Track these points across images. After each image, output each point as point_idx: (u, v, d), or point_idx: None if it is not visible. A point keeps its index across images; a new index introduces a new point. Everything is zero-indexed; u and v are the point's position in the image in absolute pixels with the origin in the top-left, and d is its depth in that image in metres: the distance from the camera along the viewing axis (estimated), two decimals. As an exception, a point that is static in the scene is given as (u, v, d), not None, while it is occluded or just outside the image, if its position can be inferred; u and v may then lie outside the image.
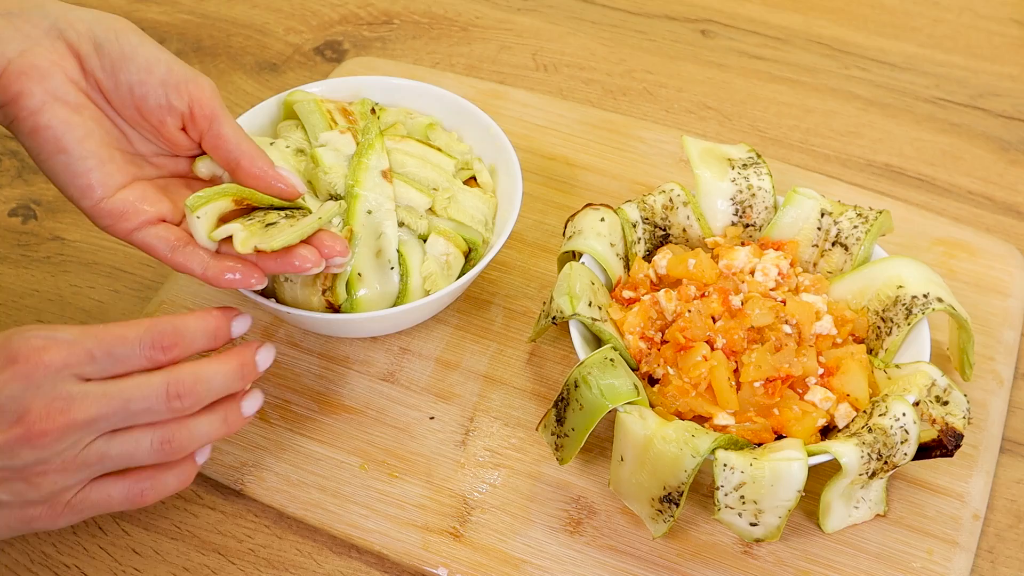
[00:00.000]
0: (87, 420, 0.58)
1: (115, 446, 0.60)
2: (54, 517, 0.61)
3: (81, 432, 0.58)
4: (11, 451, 0.57)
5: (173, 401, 0.60)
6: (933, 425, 0.68)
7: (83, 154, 0.65)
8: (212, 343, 0.63)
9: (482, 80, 1.01)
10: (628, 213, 0.78)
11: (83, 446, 0.59)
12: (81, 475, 0.60)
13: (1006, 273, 0.85)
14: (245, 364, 0.63)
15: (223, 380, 0.62)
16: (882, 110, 1.01)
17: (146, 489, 0.62)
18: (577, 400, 0.68)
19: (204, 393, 0.61)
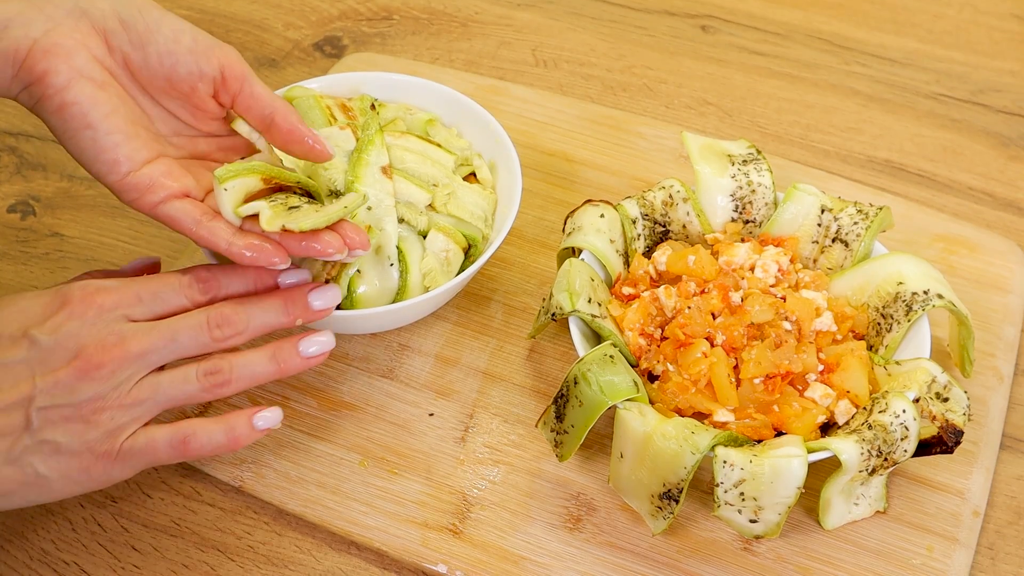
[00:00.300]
0: (139, 352, 0.62)
1: (165, 379, 0.63)
2: (109, 465, 0.63)
3: (134, 365, 0.62)
4: (71, 386, 0.61)
5: (214, 330, 0.64)
6: (933, 422, 0.68)
7: (109, 129, 0.65)
8: (251, 287, 0.67)
9: (481, 76, 1.01)
10: (628, 209, 0.78)
11: (135, 381, 0.62)
12: (135, 412, 0.63)
13: (1006, 269, 0.85)
14: (292, 299, 0.66)
15: (263, 311, 0.66)
16: (882, 106, 1.01)
17: (189, 435, 0.64)
18: (577, 397, 0.68)
19: (244, 323, 0.65)
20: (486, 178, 0.83)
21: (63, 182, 0.94)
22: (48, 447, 0.61)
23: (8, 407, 0.61)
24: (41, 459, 0.61)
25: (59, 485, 0.62)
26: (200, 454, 0.65)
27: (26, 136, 0.97)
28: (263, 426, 0.66)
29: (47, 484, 0.62)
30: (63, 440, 0.61)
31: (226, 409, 0.76)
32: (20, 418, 0.61)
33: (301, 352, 0.67)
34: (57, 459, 0.61)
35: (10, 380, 0.61)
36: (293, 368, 0.67)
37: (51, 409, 0.61)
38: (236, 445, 0.65)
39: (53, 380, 0.61)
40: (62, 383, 0.61)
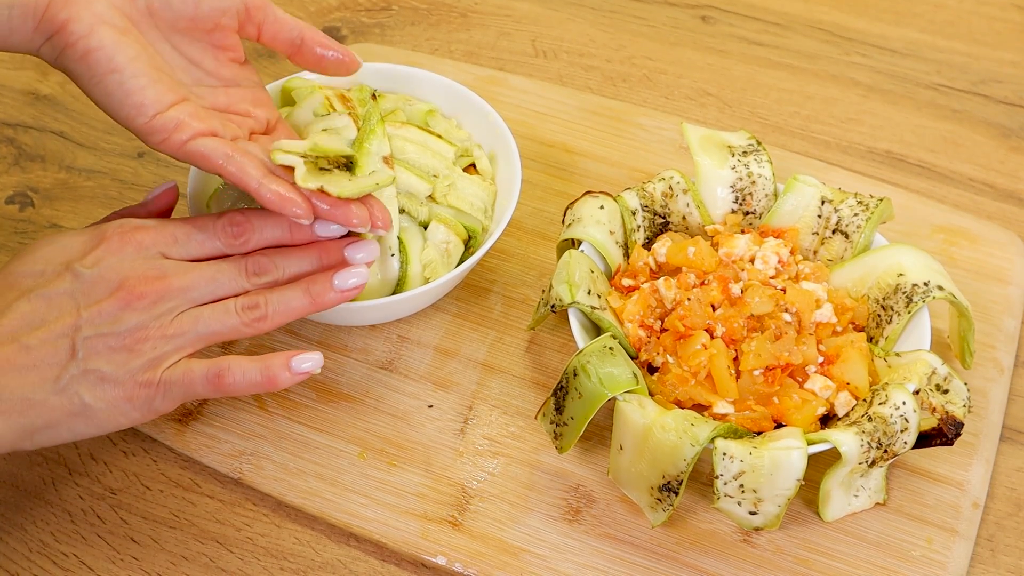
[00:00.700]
0: (181, 287, 0.64)
1: (206, 311, 0.65)
2: (150, 395, 0.64)
3: (175, 298, 0.64)
4: (114, 315, 0.63)
5: (252, 276, 0.67)
6: (933, 414, 0.68)
7: (135, 72, 0.66)
8: (286, 235, 0.68)
9: (481, 67, 1.00)
10: (627, 201, 0.78)
11: (177, 313, 0.64)
12: (177, 343, 0.64)
13: (1007, 261, 0.85)
14: (325, 252, 0.68)
15: (297, 260, 0.68)
16: (883, 96, 1.00)
17: (224, 369, 0.65)
18: (576, 389, 0.68)
19: (279, 271, 0.67)
20: (486, 169, 0.83)
21: (61, 173, 0.93)
22: (93, 376, 0.63)
23: (54, 336, 0.62)
24: (87, 388, 0.63)
25: (104, 415, 0.63)
26: (234, 390, 0.65)
27: (24, 127, 0.97)
28: (303, 369, 0.66)
29: (93, 414, 0.63)
30: (108, 369, 0.63)
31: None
32: (66, 347, 0.62)
33: (336, 286, 0.68)
34: (102, 388, 0.63)
35: (55, 311, 0.63)
36: (327, 302, 0.67)
37: (96, 338, 0.63)
38: (271, 385, 0.66)
39: (97, 310, 0.63)
40: (106, 312, 0.63)
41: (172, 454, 0.75)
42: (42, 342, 0.62)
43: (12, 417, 0.61)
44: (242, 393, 0.66)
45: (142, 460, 0.75)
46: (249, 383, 0.65)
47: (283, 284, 0.67)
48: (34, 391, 0.62)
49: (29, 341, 0.62)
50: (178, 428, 0.75)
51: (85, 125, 0.97)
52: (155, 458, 0.75)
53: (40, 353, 0.62)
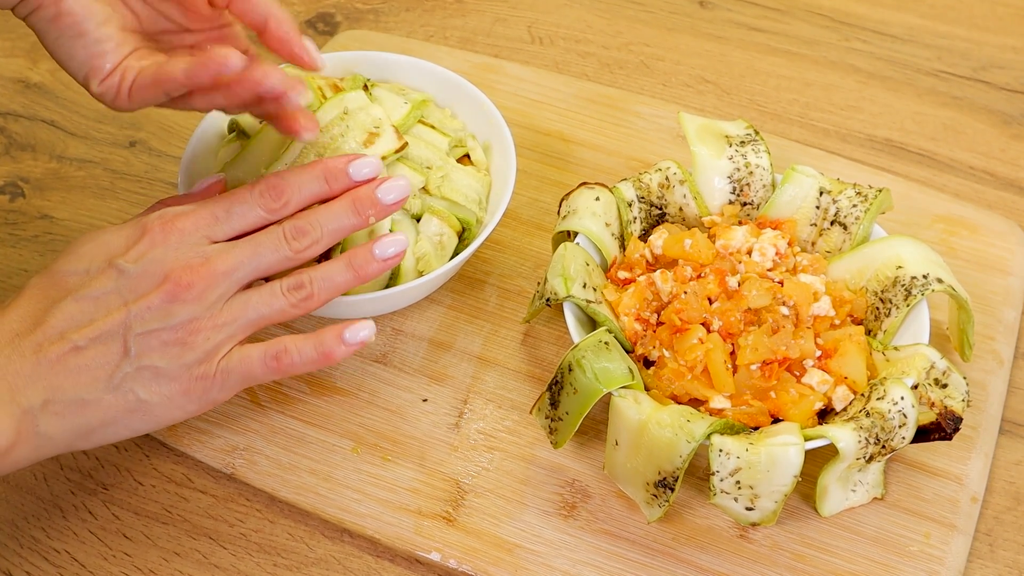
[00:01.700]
0: (226, 270, 0.64)
1: (254, 296, 0.65)
2: (207, 386, 0.64)
3: (223, 284, 0.64)
4: (164, 309, 0.62)
5: (292, 242, 0.65)
6: (932, 408, 0.67)
7: (100, 37, 0.66)
8: (325, 186, 0.67)
9: (476, 54, 0.99)
10: (624, 192, 0.77)
11: (225, 300, 0.64)
12: (229, 331, 0.64)
13: (1007, 251, 0.84)
14: (357, 199, 0.67)
15: (334, 217, 0.67)
16: (883, 83, 0.99)
17: (281, 352, 0.64)
18: (571, 384, 0.67)
19: (318, 231, 0.66)
20: (480, 160, 0.82)
21: (52, 163, 0.92)
22: (148, 372, 0.62)
23: (105, 336, 0.62)
24: (142, 385, 0.62)
25: (160, 410, 0.63)
26: (293, 369, 0.65)
27: (15, 116, 0.96)
28: (358, 339, 0.66)
29: (149, 410, 0.63)
30: (162, 364, 0.62)
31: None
32: (118, 346, 0.62)
33: (377, 255, 0.67)
34: (158, 383, 0.63)
35: (103, 310, 0.62)
36: (371, 271, 0.67)
37: (148, 335, 0.62)
38: (328, 360, 0.65)
39: (146, 305, 0.62)
40: (155, 307, 0.62)
41: (165, 449, 0.75)
42: (92, 341, 0.62)
43: (68, 418, 0.61)
44: (301, 371, 0.66)
45: (134, 455, 0.75)
46: (306, 360, 0.65)
47: (324, 244, 0.67)
48: (88, 391, 0.62)
49: (79, 341, 0.62)
50: (170, 423, 0.75)
51: (76, 114, 0.96)
52: (147, 453, 0.75)
53: (92, 353, 0.62)
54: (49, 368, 0.61)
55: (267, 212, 0.67)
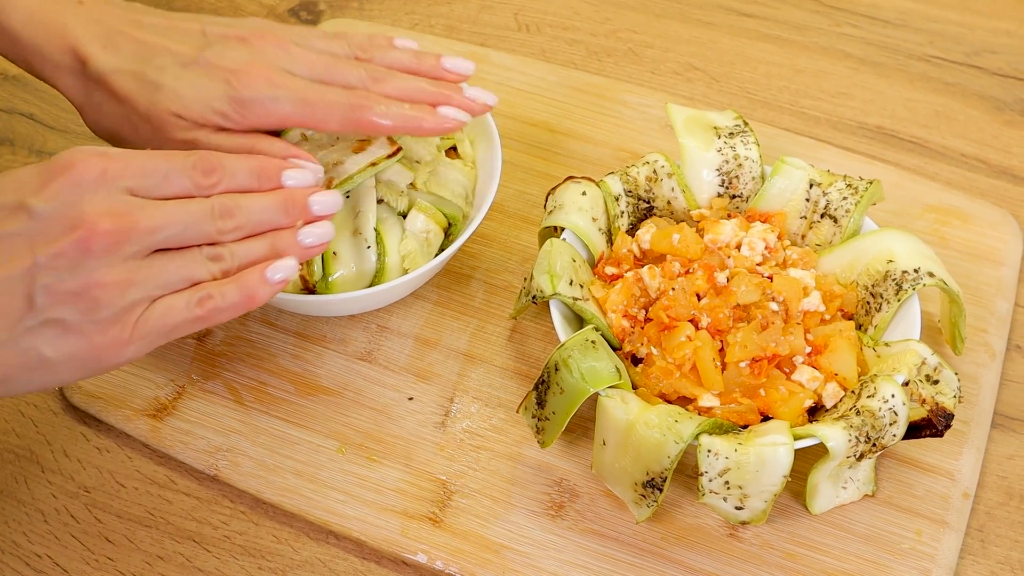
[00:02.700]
0: (146, 228, 0.58)
1: (173, 258, 0.60)
2: (121, 344, 0.58)
3: (139, 241, 0.58)
4: (75, 259, 0.56)
5: (218, 220, 0.61)
6: (923, 405, 0.67)
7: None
8: (256, 182, 0.64)
9: (462, 42, 0.98)
10: (611, 186, 0.76)
11: (141, 258, 0.59)
12: (143, 290, 0.58)
13: (999, 241, 0.83)
14: (290, 200, 0.64)
15: (264, 209, 0.63)
16: (874, 69, 0.98)
17: (204, 298, 0.60)
18: (558, 384, 0.66)
19: (245, 218, 0.62)
20: (467, 153, 0.81)
21: (32, 157, 0.91)
22: (55, 327, 0.57)
23: (6, 284, 0.56)
24: (46, 341, 0.57)
25: (65, 369, 0.58)
26: (218, 315, 0.61)
27: (-7, 109, 0.94)
28: (279, 278, 0.62)
29: (52, 368, 0.58)
30: (71, 318, 0.57)
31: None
32: (21, 296, 0.56)
33: (300, 242, 0.64)
34: (65, 340, 0.57)
35: (6, 254, 0.56)
36: (288, 253, 0.63)
37: (54, 285, 0.56)
38: (251, 302, 0.61)
39: (55, 252, 0.56)
40: (65, 255, 0.56)
41: (147, 450, 0.74)
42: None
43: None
44: (226, 318, 0.61)
45: (116, 456, 0.74)
46: (230, 304, 0.61)
47: (245, 232, 0.63)
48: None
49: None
50: (153, 424, 0.74)
51: (55, 106, 0.94)
52: (130, 454, 0.74)
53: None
54: None
55: (194, 186, 0.62)
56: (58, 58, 0.70)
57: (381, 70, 0.72)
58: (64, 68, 0.70)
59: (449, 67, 0.74)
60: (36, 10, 0.70)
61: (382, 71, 0.72)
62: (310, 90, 0.69)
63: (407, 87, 0.72)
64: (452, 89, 0.73)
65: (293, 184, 0.65)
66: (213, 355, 0.77)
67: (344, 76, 0.71)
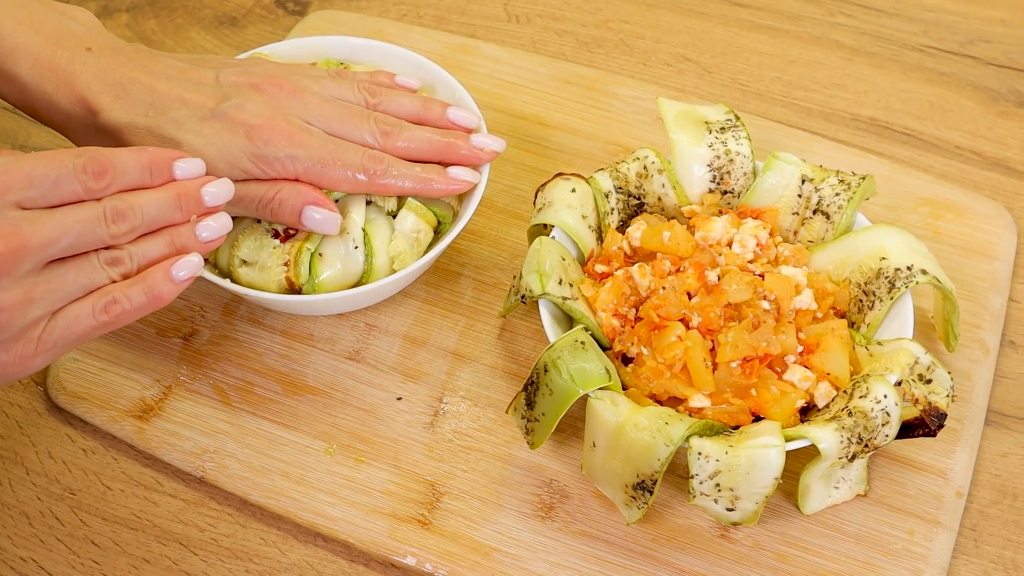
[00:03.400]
0: (38, 244, 0.57)
1: (70, 268, 0.59)
2: (27, 358, 0.58)
3: (32, 257, 0.57)
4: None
5: (111, 225, 0.60)
6: (916, 405, 0.66)
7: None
8: (148, 177, 0.62)
9: (451, 34, 0.97)
10: (600, 182, 0.75)
11: (37, 273, 0.57)
12: (44, 306, 0.58)
13: (993, 235, 0.82)
14: (183, 194, 0.63)
15: (157, 206, 0.62)
16: (868, 59, 0.97)
17: (109, 303, 0.59)
18: (547, 385, 0.66)
19: (138, 217, 0.61)
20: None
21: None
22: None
23: None
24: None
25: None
26: (125, 318, 0.60)
27: (-24, 104, 0.93)
28: (183, 276, 0.61)
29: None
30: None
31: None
32: None
33: (198, 236, 0.63)
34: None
35: None
36: (187, 250, 0.62)
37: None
38: (158, 302, 0.61)
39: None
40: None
41: (133, 451, 0.73)
42: None
43: None
44: (133, 319, 0.60)
45: (102, 458, 0.73)
46: (137, 307, 0.60)
47: (140, 232, 0.62)
48: None
49: None
50: (139, 425, 0.73)
51: (39, 101, 0.93)
52: (115, 456, 0.73)
53: None
54: None
55: (84, 191, 0.60)
56: (67, 107, 0.68)
57: (391, 121, 0.73)
58: (75, 118, 0.69)
59: (454, 119, 0.76)
60: (44, 57, 0.68)
61: (392, 123, 0.73)
62: (326, 150, 0.70)
63: (417, 138, 0.73)
64: (460, 139, 0.74)
65: (183, 175, 0.63)
66: (199, 355, 0.76)
67: (358, 130, 0.72)
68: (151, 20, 1.00)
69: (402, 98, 0.75)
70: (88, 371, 0.75)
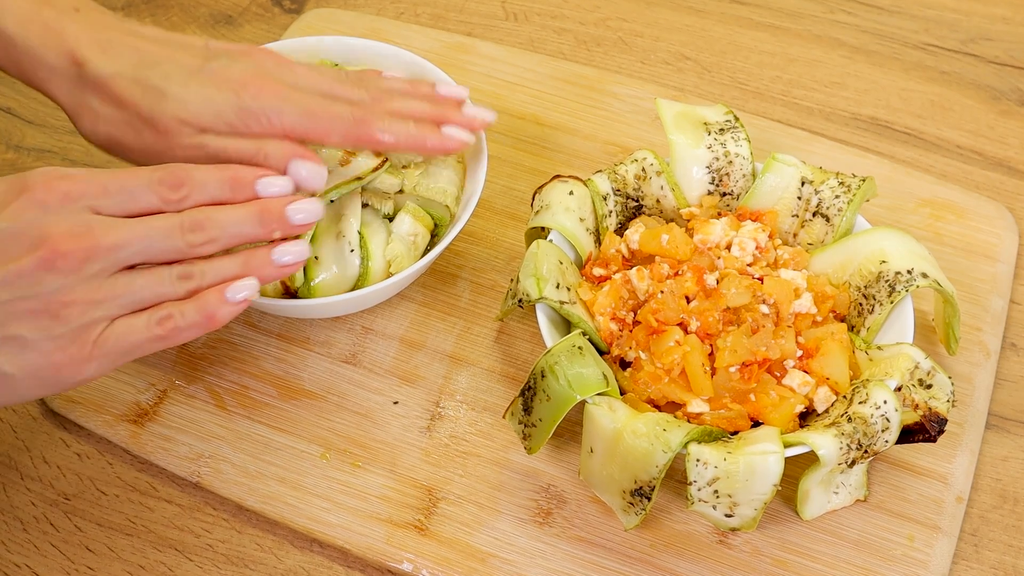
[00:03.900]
0: (110, 246, 0.58)
1: (138, 277, 0.59)
2: (81, 362, 0.58)
3: (104, 259, 0.57)
4: (34, 277, 0.56)
5: (187, 234, 0.59)
6: (916, 410, 0.65)
7: None
8: (228, 192, 0.61)
9: (448, 32, 0.96)
10: (598, 185, 0.74)
11: (106, 276, 0.58)
12: (107, 309, 0.58)
13: (995, 236, 0.82)
14: (265, 210, 0.62)
15: (237, 221, 0.61)
16: (868, 58, 0.96)
17: (164, 317, 0.59)
18: (544, 391, 0.65)
19: (217, 231, 0.60)
20: (456, 148, 0.79)
21: (9, 153, 0.89)
22: (14, 344, 0.57)
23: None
24: (6, 357, 0.57)
25: (24, 385, 0.58)
26: (178, 335, 0.59)
27: (-30, 103, 0.93)
28: (238, 298, 0.60)
29: (11, 383, 0.57)
30: (29, 336, 0.57)
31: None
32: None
33: (275, 261, 0.62)
34: (24, 356, 0.57)
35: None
36: (266, 275, 0.62)
37: (15, 302, 0.56)
38: (211, 322, 0.60)
39: (15, 271, 0.56)
40: (26, 274, 0.56)
41: (128, 456, 0.73)
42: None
43: None
44: (186, 338, 0.59)
45: (97, 463, 0.72)
46: (190, 324, 0.59)
47: (220, 245, 0.61)
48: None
49: None
50: (133, 430, 0.72)
51: (34, 100, 0.93)
52: (110, 461, 0.72)
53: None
54: None
55: (161, 201, 0.60)
56: (53, 61, 0.68)
57: (382, 87, 0.73)
58: (59, 72, 0.68)
59: (444, 93, 0.75)
60: (32, 13, 0.68)
61: (383, 88, 0.73)
62: (315, 103, 0.69)
63: (409, 106, 0.72)
64: (451, 107, 0.74)
65: (265, 192, 0.62)
66: (195, 358, 0.76)
67: (347, 93, 0.71)
68: (147, 18, 1.00)
69: (389, 80, 0.75)
70: (83, 375, 0.74)
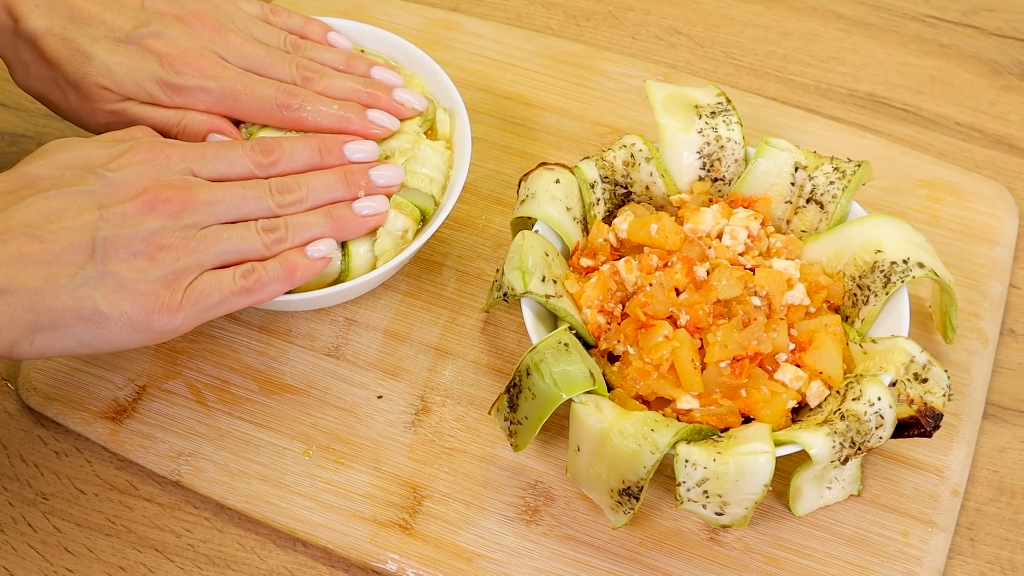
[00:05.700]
0: (207, 201, 0.63)
1: (228, 229, 0.64)
2: (172, 309, 0.61)
3: (200, 212, 0.63)
4: (136, 218, 0.61)
5: (277, 195, 0.66)
6: (911, 405, 0.64)
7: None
8: (318, 157, 0.68)
9: (432, 7, 0.93)
10: (586, 172, 0.72)
11: (200, 227, 0.63)
12: (199, 257, 0.62)
13: (994, 218, 0.80)
14: (350, 171, 0.68)
15: (323, 182, 0.67)
16: (866, 31, 0.93)
17: (248, 269, 0.63)
18: (529, 389, 0.63)
19: (305, 191, 0.67)
20: (445, 133, 0.76)
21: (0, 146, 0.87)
22: (112, 281, 0.60)
23: (73, 232, 0.59)
24: (103, 294, 0.59)
25: (116, 327, 0.60)
26: (262, 288, 0.64)
27: (-57, 86, 0.90)
28: (317, 254, 0.65)
29: (104, 323, 0.60)
30: (127, 275, 0.60)
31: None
32: (85, 246, 0.59)
33: (357, 211, 0.67)
34: (120, 295, 0.60)
35: (74, 208, 0.60)
36: (350, 228, 0.67)
37: (116, 239, 0.60)
38: (292, 274, 0.65)
39: (120, 211, 0.61)
40: (128, 214, 0.61)
41: (107, 454, 0.71)
42: (58, 235, 0.59)
43: (18, 311, 0.58)
44: (270, 295, 0.64)
45: (75, 461, 0.71)
46: (273, 278, 0.64)
47: (307, 205, 0.67)
48: (46, 286, 0.58)
49: (45, 234, 0.59)
50: (112, 427, 0.71)
51: (7, 82, 0.90)
52: (89, 459, 0.71)
53: (56, 247, 0.59)
54: (9, 257, 0.58)
55: (255, 165, 0.66)
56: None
57: (314, 66, 0.72)
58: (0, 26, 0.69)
59: (378, 77, 0.74)
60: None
61: (315, 67, 0.72)
62: (239, 82, 0.69)
63: (337, 86, 0.72)
64: (382, 90, 0.73)
65: (353, 155, 0.69)
66: (174, 352, 0.74)
67: (277, 71, 0.71)
68: None
69: (326, 52, 0.74)
70: (60, 370, 0.73)
